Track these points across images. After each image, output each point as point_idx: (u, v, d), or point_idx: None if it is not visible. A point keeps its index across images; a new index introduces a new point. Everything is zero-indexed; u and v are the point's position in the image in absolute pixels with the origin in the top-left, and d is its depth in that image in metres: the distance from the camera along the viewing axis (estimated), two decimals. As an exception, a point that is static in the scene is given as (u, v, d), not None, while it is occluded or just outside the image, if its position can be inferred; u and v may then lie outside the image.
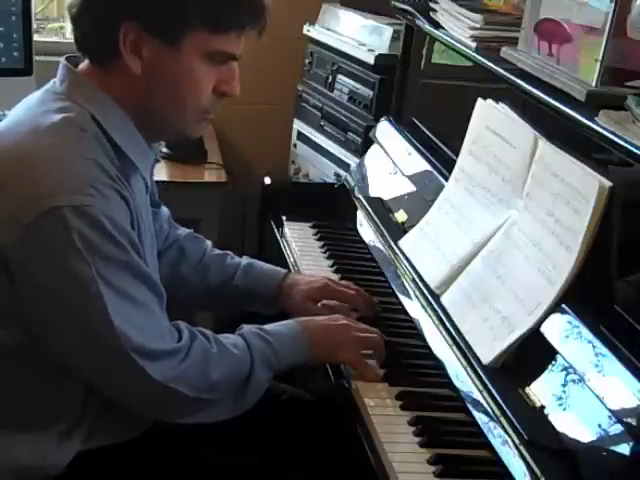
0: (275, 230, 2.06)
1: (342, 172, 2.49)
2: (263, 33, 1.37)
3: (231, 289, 1.70)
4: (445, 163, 1.85)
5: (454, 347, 1.44)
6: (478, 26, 1.76)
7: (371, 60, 2.47)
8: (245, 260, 1.73)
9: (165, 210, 1.72)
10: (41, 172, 1.25)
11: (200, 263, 1.71)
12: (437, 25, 1.95)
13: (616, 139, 1.25)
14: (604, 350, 1.20)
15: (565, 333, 1.28)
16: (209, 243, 1.76)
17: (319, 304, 1.67)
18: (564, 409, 1.22)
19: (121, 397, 1.35)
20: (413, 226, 1.77)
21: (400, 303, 1.68)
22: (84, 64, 1.37)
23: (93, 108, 1.31)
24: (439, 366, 1.47)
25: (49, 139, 1.28)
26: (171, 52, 1.31)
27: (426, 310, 1.57)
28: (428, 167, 1.92)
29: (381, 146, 2.17)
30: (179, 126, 1.39)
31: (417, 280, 1.64)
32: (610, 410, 1.14)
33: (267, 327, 1.46)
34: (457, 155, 1.73)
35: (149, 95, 1.34)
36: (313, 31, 2.81)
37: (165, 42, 1.30)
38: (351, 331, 1.51)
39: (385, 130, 2.19)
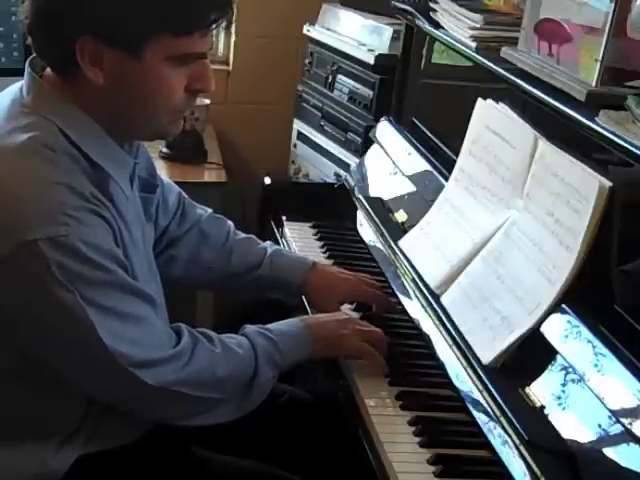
0: (275, 230, 2.06)
1: (342, 172, 2.49)
2: (230, 27, 1.32)
3: (255, 276, 1.68)
4: (445, 163, 1.85)
5: (454, 347, 1.44)
6: (478, 26, 1.76)
7: (371, 60, 2.48)
8: (271, 247, 1.72)
9: (173, 187, 1.69)
10: (12, 201, 1.21)
11: (223, 248, 1.69)
12: (437, 25, 1.95)
13: (616, 139, 1.25)
14: (604, 350, 1.20)
15: (565, 333, 1.28)
16: (231, 225, 1.73)
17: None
18: (564, 409, 1.22)
19: (125, 405, 1.34)
20: (413, 226, 1.77)
21: (400, 303, 1.68)
22: (49, 71, 1.31)
23: (61, 122, 1.26)
24: (439, 366, 1.47)
25: (17, 165, 1.23)
26: (134, 61, 1.24)
27: (426, 310, 1.57)
28: (428, 167, 1.92)
29: (381, 146, 2.17)
30: (153, 128, 1.35)
31: (417, 280, 1.64)
32: (610, 410, 1.14)
33: (270, 326, 1.46)
34: (457, 155, 1.73)
35: (117, 103, 1.29)
36: (313, 31, 2.81)
37: (126, 53, 1.24)
38: (352, 325, 1.51)
39: (385, 130, 2.19)
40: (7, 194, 1.22)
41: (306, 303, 1.70)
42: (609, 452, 1.13)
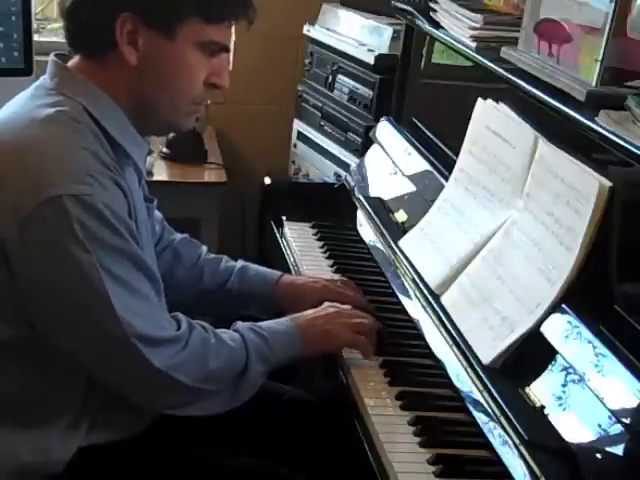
0: (275, 230, 2.06)
1: (342, 172, 2.49)
2: (252, 25, 1.41)
3: (225, 292, 1.69)
4: (445, 163, 1.85)
5: (454, 347, 1.44)
6: (478, 26, 1.76)
7: (371, 60, 2.48)
8: (240, 263, 1.73)
9: (157, 213, 1.71)
10: (39, 163, 1.25)
11: (194, 266, 1.71)
12: (437, 25, 1.95)
13: (616, 139, 1.25)
14: (604, 350, 1.20)
15: (565, 333, 1.28)
16: (204, 248, 1.76)
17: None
18: (564, 409, 1.22)
19: (121, 385, 1.35)
20: (413, 226, 1.77)
21: (400, 303, 1.68)
22: (75, 60, 1.37)
23: (85, 101, 1.32)
24: (439, 366, 1.47)
25: (45, 131, 1.28)
26: (167, 42, 1.32)
27: (426, 310, 1.57)
28: (428, 167, 1.92)
29: (381, 146, 2.17)
30: (171, 117, 1.40)
31: (417, 280, 1.64)
32: (610, 410, 1.14)
33: (261, 323, 1.47)
34: (457, 155, 1.73)
35: (143, 86, 1.35)
36: (313, 31, 2.81)
37: (161, 32, 1.32)
38: (340, 318, 1.52)
39: (385, 130, 2.19)
40: (35, 157, 1.26)
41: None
42: (609, 452, 1.13)
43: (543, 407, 1.24)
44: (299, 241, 2.00)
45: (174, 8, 1.31)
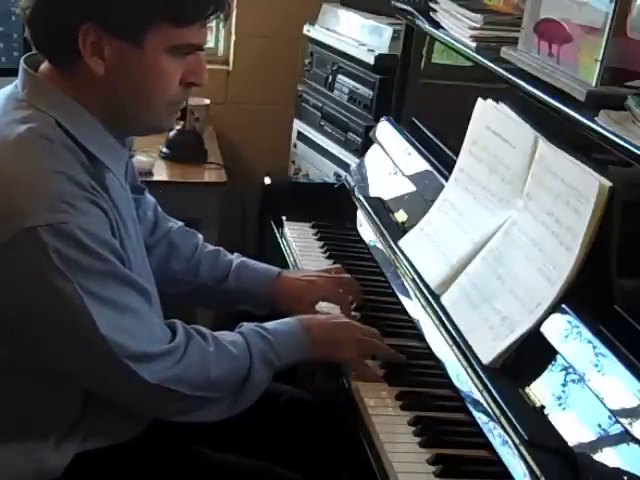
0: (275, 230, 2.06)
1: (342, 172, 2.49)
2: (228, 20, 1.35)
3: (223, 288, 1.68)
4: (445, 163, 1.85)
5: (454, 347, 1.44)
6: (478, 26, 1.76)
7: (371, 60, 2.48)
8: (237, 259, 1.71)
9: (150, 199, 1.69)
10: (12, 190, 1.22)
11: (191, 259, 1.69)
12: (437, 25, 1.95)
13: (616, 139, 1.25)
14: (604, 350, 1.20)
15: (565, 333, 1.28)
16: (200, 237, 1.73)
17: (318, 305, 1.67)
18: (564, 409, 1.22)
19: (120, 400, 1.34)
20: (413, 226, 1.77)
21: (400, 303, 1.68)
22: (45, 66, 1.32)
23: (58, 114, 1.27)
24: (439, 366, 1.47)
25: (16, 154, 1.24)
26: (134, 51, 1.26)
27: (426, 310, 1.57)
28: (428, 167, 1.92)
29: (381, 146, 2.17)
30: (150, 121, 1.35)
31: (417, 280, 1.64)
32: (610, 410, 1.14)
33: (267, 325, 1.46)
34: (457, 155, 1.73)
35: (116, 94, 1.30)
36: (313, 31, 2.82)
37: (127, 42, 1.25)
38: (353, 331, 1.51)
39: (385, 130, 2.19)
40: (7, 183, 1.22)
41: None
42: (609, 452, 1.13)
43: (543, 407, 1.24)
44: (299, 241, 2.00)
45: (139, 16, 1.24)
